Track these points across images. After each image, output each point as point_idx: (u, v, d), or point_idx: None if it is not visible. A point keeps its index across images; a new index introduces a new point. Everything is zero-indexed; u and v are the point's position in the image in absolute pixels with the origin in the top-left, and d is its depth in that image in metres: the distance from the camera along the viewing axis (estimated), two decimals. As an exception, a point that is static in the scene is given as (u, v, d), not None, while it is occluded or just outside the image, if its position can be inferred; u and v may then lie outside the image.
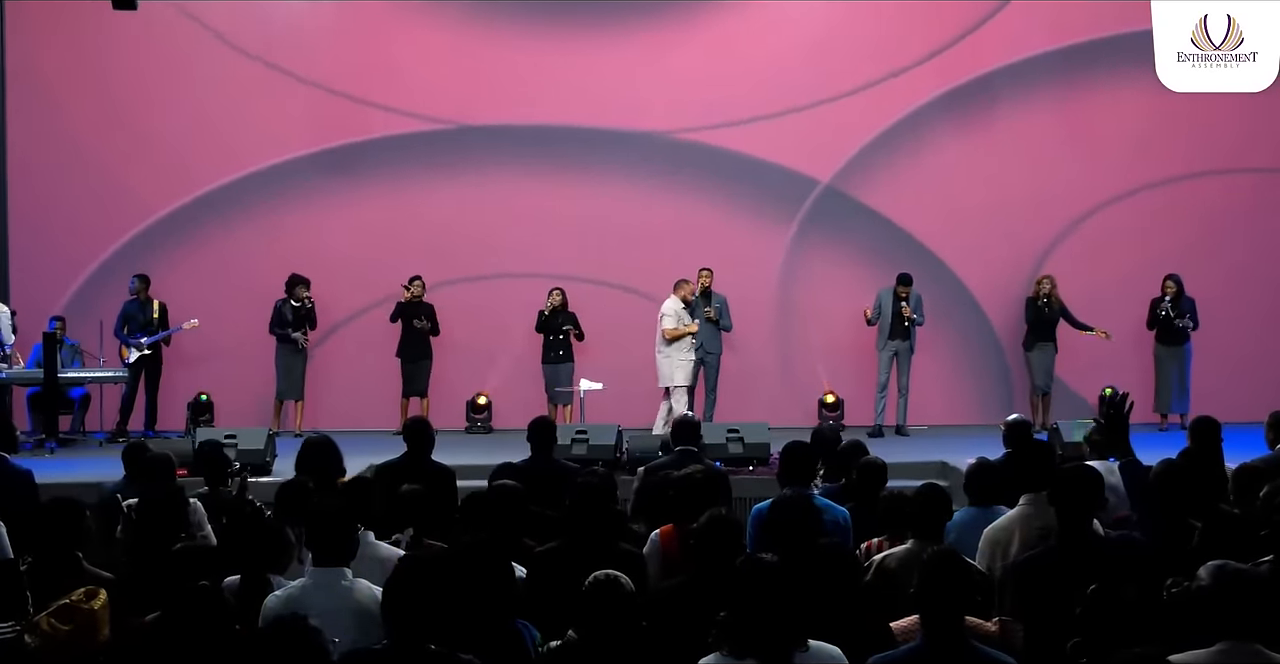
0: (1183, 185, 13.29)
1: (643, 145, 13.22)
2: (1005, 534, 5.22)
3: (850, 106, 13.18)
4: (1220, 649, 3.53)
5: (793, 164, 13.22)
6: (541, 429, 7.22)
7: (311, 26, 13.23)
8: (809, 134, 13.15)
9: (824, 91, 13.17)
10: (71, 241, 13.01)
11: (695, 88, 13.11)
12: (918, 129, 13.22)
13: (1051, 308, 12.47)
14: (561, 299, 12.35)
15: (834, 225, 13.28)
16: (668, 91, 13.14)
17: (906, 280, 12.22)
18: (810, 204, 13.25)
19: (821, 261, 13.23)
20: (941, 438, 11.68)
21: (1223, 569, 3.60)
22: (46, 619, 4.24)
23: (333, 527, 4.40)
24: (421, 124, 13.16)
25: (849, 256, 13.20)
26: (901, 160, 13.23)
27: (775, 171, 13.21)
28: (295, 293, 12.30)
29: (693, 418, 7.89)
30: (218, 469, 6.80)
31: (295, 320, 12.30)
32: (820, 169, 13.26)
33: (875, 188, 13.23)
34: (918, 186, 13.21)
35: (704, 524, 4.70)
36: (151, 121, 13.01)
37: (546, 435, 7.23)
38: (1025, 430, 7.34)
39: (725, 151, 13.16)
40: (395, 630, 3.79)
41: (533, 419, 7.35)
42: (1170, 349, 12.45)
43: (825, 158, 13.25)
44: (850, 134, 13.24)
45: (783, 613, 3.69)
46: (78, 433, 12.38)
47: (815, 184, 13.26)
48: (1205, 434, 6.64)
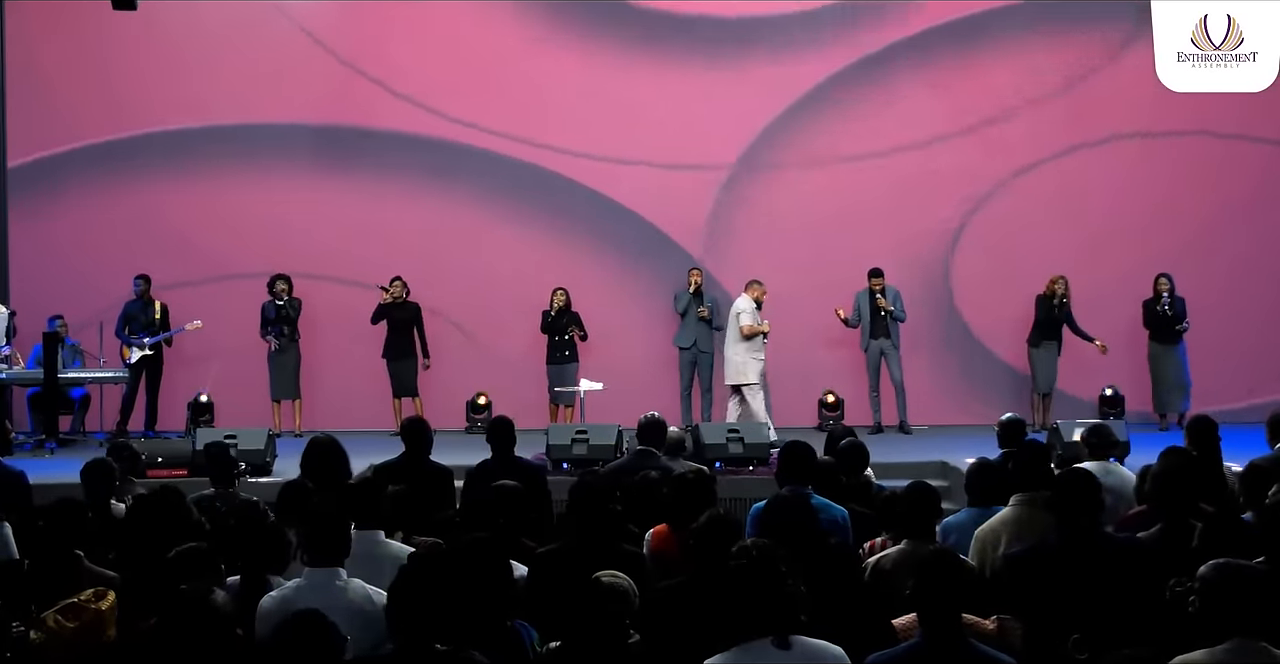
0: (1181, 184, 13.29)
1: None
2: (993, 535, 5.24)
3: (851, 106, 13.22)
4: (1227, 648, 3.53)
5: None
6: (501, 429, 7.19)
7: (312, 27, 13.22)
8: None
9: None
10: (71, 241, 13.01)
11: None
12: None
13: (1063, 309, 12.46)
14: (565, 299, 12.36)
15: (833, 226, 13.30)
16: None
17: (878, 273, 12.20)
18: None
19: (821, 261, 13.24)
20: (941, 438, 11.67)
21: (1227, 567, 3.60)
22: (53, 616, 4.25)
23: (327, 527, 4.41)
24: (421, 125, 13.17)
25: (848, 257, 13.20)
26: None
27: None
28: (275, 290, 12.29)
29: (658, 417, 7.67)
30: (224, 470, 6.79)
31: (276, 319, 12.29)
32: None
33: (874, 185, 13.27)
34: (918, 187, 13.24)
35: (703, 524, 4.70)
36: (151, 121, 13.00)
37: (506, 434, 7.19)
38: (1019, 429, 7.34)
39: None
40: (401, 631, 3.78)
41: (492, 419, 7.35)
42: (1166, 348, 12.44)
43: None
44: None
45: (780, 591, 3.70)
46: (78, 433, 12.38)
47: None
48: (1202, 434, 6.64)
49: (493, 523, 5.05)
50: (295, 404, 12.46)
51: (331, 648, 3.57)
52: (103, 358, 11.99)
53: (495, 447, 7.17)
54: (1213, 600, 3.56)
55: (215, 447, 7.26)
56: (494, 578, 4.12)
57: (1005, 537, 5.17)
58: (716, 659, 3.72)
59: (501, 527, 5.05)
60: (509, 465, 6.92)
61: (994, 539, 5.22)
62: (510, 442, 7.19)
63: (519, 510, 5.26)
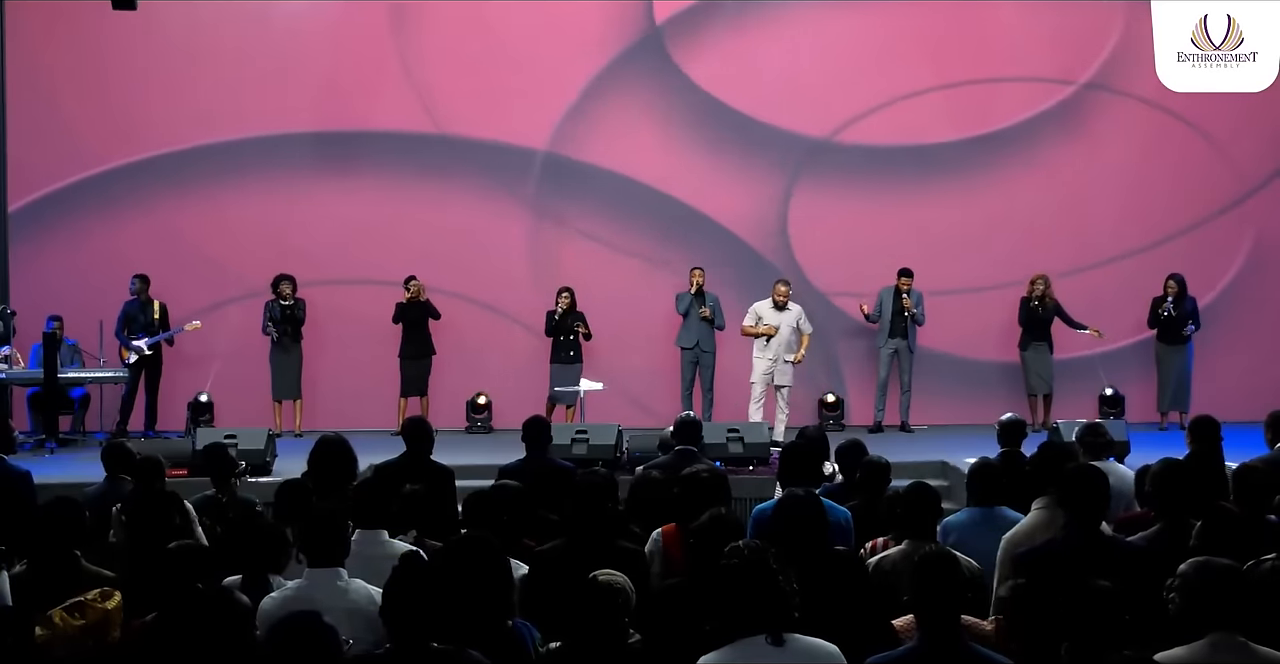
0: (1183, 185, 13.29)
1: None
2: (1027, 540, 5.06)
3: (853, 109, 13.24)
4: (1207, 643, 3.58)
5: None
6: (536, 428, 7.21)
7: (312, 27, 13.22)
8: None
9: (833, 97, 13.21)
10: (71, 241, 13.01)
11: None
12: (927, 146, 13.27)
13: (1045, 308, 12.47)
14: (570, 300, 12.37)
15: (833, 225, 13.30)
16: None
17: (908, 273, 12.21)
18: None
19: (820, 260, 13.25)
20: (942, 437, 11.67)
21: (1204, 564, 3.67)
22: (59, 613, 4.25)
23: (326, 528, 4.41)
24: (421, 125, 13.17)
25: (848, 256, 13.22)
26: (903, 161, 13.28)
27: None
28: (280, 291, 12.31)
29: (693, 417, 7.87)
30: (224, 471, 6.79)
31: (282, 319, 12.30)
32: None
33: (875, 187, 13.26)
34: (919, 186, 13.24)
35: (705, 524, 4.70)
36: (151, 121, 13.00)
37: (541, 434, 7.21)
38: (1019, 429, 7.34)
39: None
40: (396, 631, 3.78)
41: (527, 419, 7.35)
42: (1171, 348, 12.44)
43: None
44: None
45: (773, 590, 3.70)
46: (78, 433, 12.37)
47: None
48: (1205, 433, 6.64)
49: (494, 522, 5.05)
50: (296, 404, 12.46)
51: (327, 649, 3.54)
52: (102, 358, 11.98)
53: (529, 446, 7.17)
54: (1191, 597, 3.62)
55: (215, 447, 7.27)
56: (491, 576, 4.12)
57: (1040, 539, 4.97)
58: (711, 656, 3.72)
59: (504, 525, 5.04)
60: (541, 466, 6.93)
61: (1028, 544, 4.98)
62: (545, 441, 7.22)
63: (520, 510, 5.26)
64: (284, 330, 12.27)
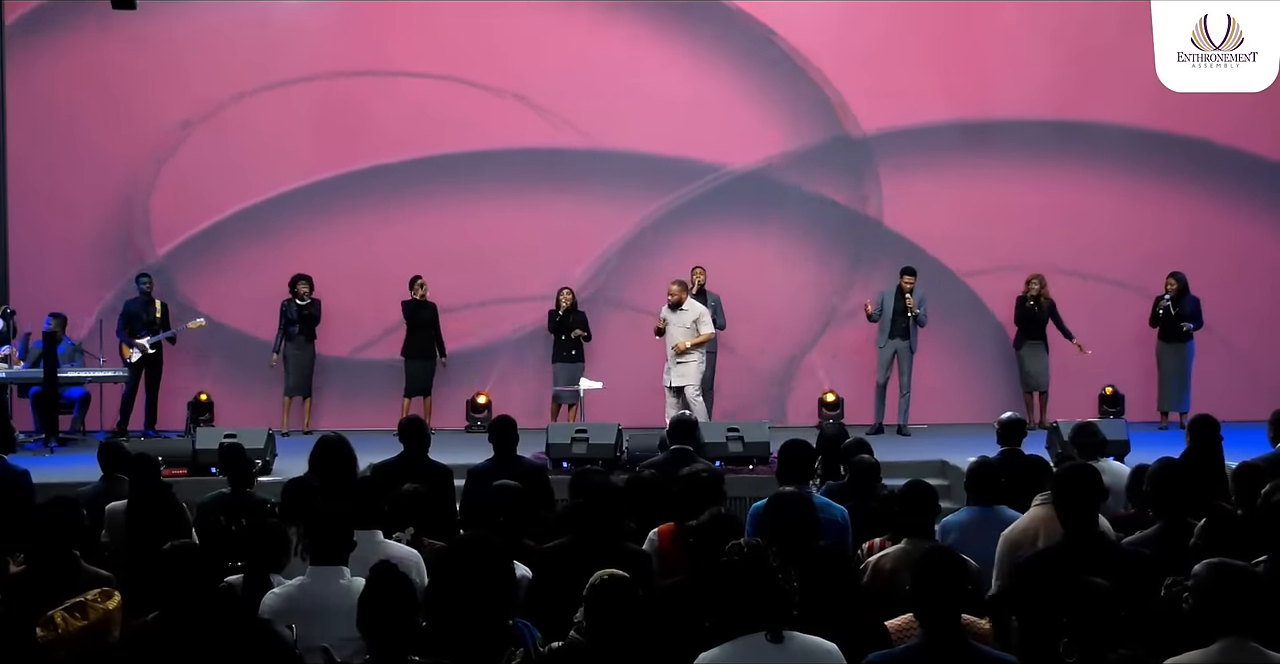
0: (1183, 184, 13.29)
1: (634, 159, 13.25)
2: (1027, 535, 5.07)
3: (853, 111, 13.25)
4: (1218, 648, 3.52)
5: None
6: (503, 428, 7.18)
7: (312, 27, 13.22)
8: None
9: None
10: (71, 241, 13.01)
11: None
12: (923, 140, 13.26)
13: (1041, 307, 12.46)
14: (571, 300, 12.38)
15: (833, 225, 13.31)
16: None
17: (911, 272, 12.19)
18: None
19: (820, 260, 13.25)
20: (941, 437, 11.67)
21: (1220, 566, 3.59)
22: (60, 614, 4.24)
23: (332, 527, 4.42)
24: (421, 125, 13.17)
25: (849, 255, 13.22)
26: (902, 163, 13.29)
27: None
28: (297, 291, 12.34)
29: (689, 416, 7.84)
30: (242, 470, 6.80)
31: (300, 319, 12.33)
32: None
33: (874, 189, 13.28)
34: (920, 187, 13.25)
35: (704, 522, 4.71)
36: (151, 121, 13.00)
37: (509, 434, 7.17)
38: (1019, 429, 7.34)
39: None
40: (373, 644, 3.74)
41: (493, 419, 7.34)
42: (1172, 346, 12.42)
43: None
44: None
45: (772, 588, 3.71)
46: (78, 432, 12.37)
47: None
48: (1204, 432, 6.64)
49: (493, 522, 5.05)
50: (305, 402, 12.50)
51: (409, 597, 3.76)
52: (102, 357, 11.99)
53: (497, 446, 7.16)
54: (1206, 600, 3.55)
55: (231, 448, 7.26)
56: (492, 576, 4.12)
57: (1043, 533, 4.99)
58: (711, 654, 3.73)
59: (502, 525, 5.05)
60: (510, 465, 6.92)
61: (1029, 539, 5.03)
62: (512, 441, 7.18)
63: (520, 510, 5.26)
64: (296, 331, 12.31)
